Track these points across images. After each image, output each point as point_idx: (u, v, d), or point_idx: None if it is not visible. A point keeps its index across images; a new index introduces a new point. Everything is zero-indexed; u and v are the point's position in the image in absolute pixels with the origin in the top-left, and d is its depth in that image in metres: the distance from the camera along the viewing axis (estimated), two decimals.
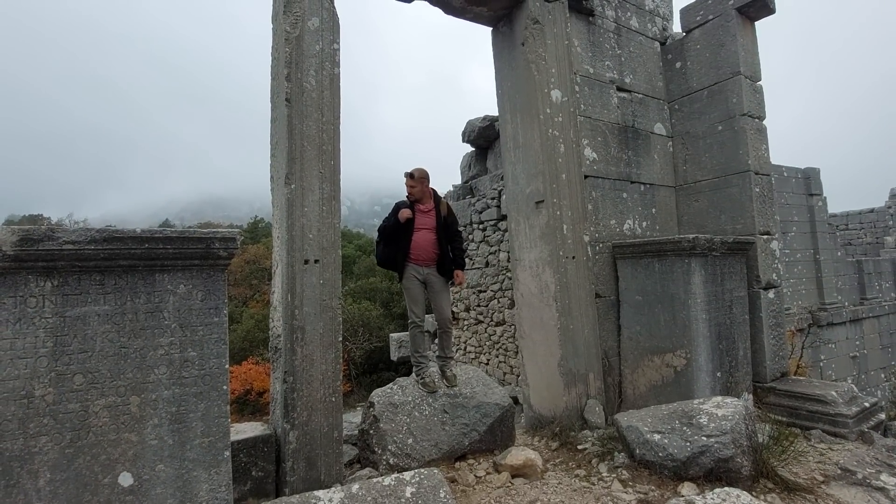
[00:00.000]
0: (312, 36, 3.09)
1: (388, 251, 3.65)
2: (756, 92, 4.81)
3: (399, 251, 3.59)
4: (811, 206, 11.04)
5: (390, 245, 3.63)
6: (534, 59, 4.10)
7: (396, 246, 3.60)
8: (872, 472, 2.83)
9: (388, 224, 3.60)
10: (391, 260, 3.64)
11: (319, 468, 2.83)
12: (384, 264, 3.74)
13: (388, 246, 3.65)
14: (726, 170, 4.71)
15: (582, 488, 2.79)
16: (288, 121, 2.94)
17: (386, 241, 3.66)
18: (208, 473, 2.17)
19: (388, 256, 3.65)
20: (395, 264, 3.63)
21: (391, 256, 3.63)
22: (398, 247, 3.59)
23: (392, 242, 3.62)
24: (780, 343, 4.61)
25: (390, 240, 3.63)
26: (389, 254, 3.64)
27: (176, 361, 2.15)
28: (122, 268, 2.09)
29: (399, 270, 3.63)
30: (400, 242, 3.58)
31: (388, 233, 3.61)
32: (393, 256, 3.62)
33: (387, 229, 3.61)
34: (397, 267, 3.63)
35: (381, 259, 3.73)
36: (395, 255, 3.61)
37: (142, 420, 2.08)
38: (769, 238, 4.65)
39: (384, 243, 3.67)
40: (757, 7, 4.67)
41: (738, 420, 2.71)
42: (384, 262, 3.72)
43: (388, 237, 3.63)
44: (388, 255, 3.65)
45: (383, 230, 3.64)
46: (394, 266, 3.66)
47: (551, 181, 4.03)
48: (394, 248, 3.61)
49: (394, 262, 3.63)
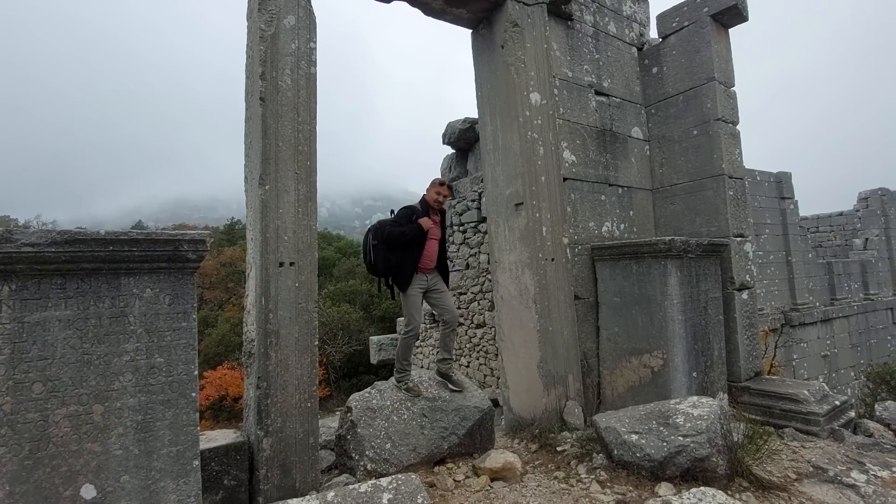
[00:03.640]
0: (288, 34, 3.03)
1: (392, 258, 3.39)
2: (730, 97, 4.91)
3: (407, 260, 3.39)
4: (783, 209, 11.35)
5: (395, 252, 3.39)
6: (513, 61, 4.11)
7: (402, 254, 3.38)
8: (843, 470, 2.90)
9: (407, 231, 3.35)
10: (394, 268, 3.39)
11: (294, 476, 2.77)
12: (385, 272, 3.43)
13: (393, 252, 3.39)
14: (701, 173, 4.80)
15: (561, 490, 2.78)
16: (262, 120, 2.88)
17: (391, 248, 3.38)
18: (176, 483, 2.09)
19: (393, 264, 3.39)
20: (397, 272, 3.41)
21: (396, 265, 3.38)
22: (405, 255, 3.38)
23: (398, 250, 3.38)
24: (754, 343, 4.70)
25: (396, 247, 3.38)
26: (394, 261, 3.38)
27: (142, 368, 2.07)
28: (85, 271, 2.01)
29: (404, 279, 3.41)
30: (411, 251, 3.39)
31: (401, 240, 3.35)
32: (398, 265, 3.39)
33: (404, 236, 3.34)
34: (401, 275, 3.40)
35: (383, 266, 3.41)
36: (400, 263, 3.38)
37: (106, 429, 1.99)
38: (743, 240, 4.75)
39: (388, 249, 3.39)
40: (731, 14, 4.77)
41: (713, 420, 2.74)
42: (386, 270, 3.42)
43: (396, 244, 3.37)
44: (392, 263, 3.39)
45: (398, 236, 3.35)
46: (395, 274, 3.42)
47: (531, 183, 4.03)
48: (399, 255, 3.39)
49: (397, 270, 3.40)
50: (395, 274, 3.44)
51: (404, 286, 3.43)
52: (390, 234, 3.37)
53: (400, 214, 3.49)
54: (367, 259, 3.49)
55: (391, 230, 3.38)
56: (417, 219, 3.43)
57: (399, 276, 3.43)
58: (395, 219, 3.46)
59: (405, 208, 3.55)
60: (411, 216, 3.45)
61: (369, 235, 3.50)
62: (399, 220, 3.44)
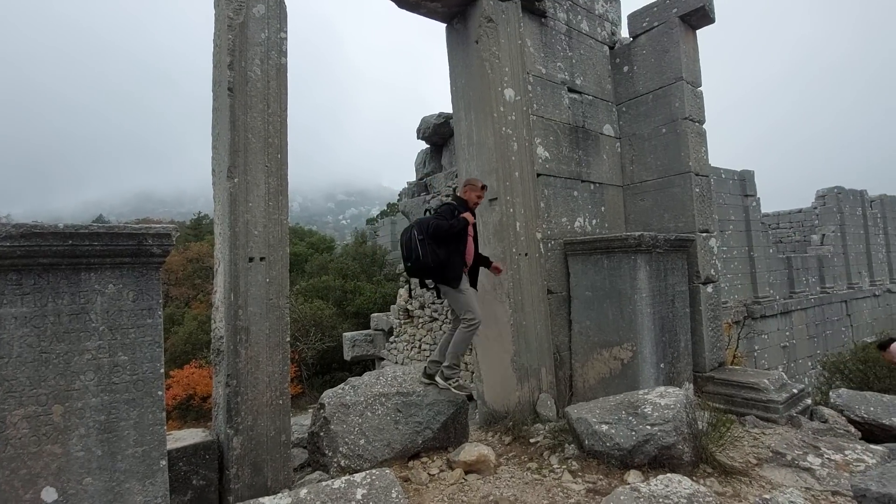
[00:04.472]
0: (258, 23, 2.96)
1: (441, 253, 3.29)
2: (697, 97, 5.05)
3: (454, 254, 3.34)
4: (746, 206, 11.78)
5: (442, 247, 3.30)
6: (487, 57, 4.12)
7: (449, 249, 3.33)
8: (800, 454, 3.04)
9: (455, 224, 3.30)
10: (443, 263, 3.30)
11: (266, 474, 2.72)
12: (435, 267, 3.31)
13: (441, 247, 3.30)
14: (669, 170, 4.92)
15: (533, 481, 2.83)
16: (231, 111, 2.81)
17: (438, 242, 3.29)
18: (142, 485, 2.04)
19: (441, 259, 3.29)
20: (445, 268, 3.33)
21: (444, 259, 3.30)
22: (452, 250, 3.34)
23: (444, 245, 3.31)
24: (718, 335, 4.87)
25: (443, 241, 3.30)
26: (442, 257, 3.29)
27: (105, 366, 2.00)
28: (43, 266, 1.93)
29: (456, 275, 3.35)
30: (456, 245, 3.36)
31: (448, 233, 3.29)
32: (446, 260, 3.31)
33: (452, 228, 3.29)
34: (452, 271, 3.34)
35: (433, 261, 3.27)
36: (448, 258, 3.32)
37: (66, 430, 1.92)
38: (708, 236, 4.90)
39: (436, 244, 3.28)
40: (698, 16, 4.90)
41: (679, 409, 2.83)
42: (436, 265, 3.30)
43: (443, 238, 3.29)
44: (440, 258, 3.29)
45: (447, 229, 3.28)
46: (444, 270, 3.33)
47: (504, 179, 4.06)
48: (446, 250, 3.31)
49: (445, 265, 3.32)
50: (444, 270, 3.34)
51: (456, 282, 3.36)
52: (438, 226, 3.29)
53: (442, 210, 3.43)
54: (413, 256, 3.32)
55: (438, 223, 3.30)
56: (460, 214, 3.41)
57: (449, 272, 3.35)
58: (438, 214, 3.40)
59: (446, 205, 3.50)
60: (453, 211, 3.41)
61: (412, 232, 3.37)
62: (443, 214, 3.39)
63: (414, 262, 3.35)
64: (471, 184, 3.63)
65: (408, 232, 3.44)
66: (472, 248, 3.54)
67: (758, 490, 2.65)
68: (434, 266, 3.31)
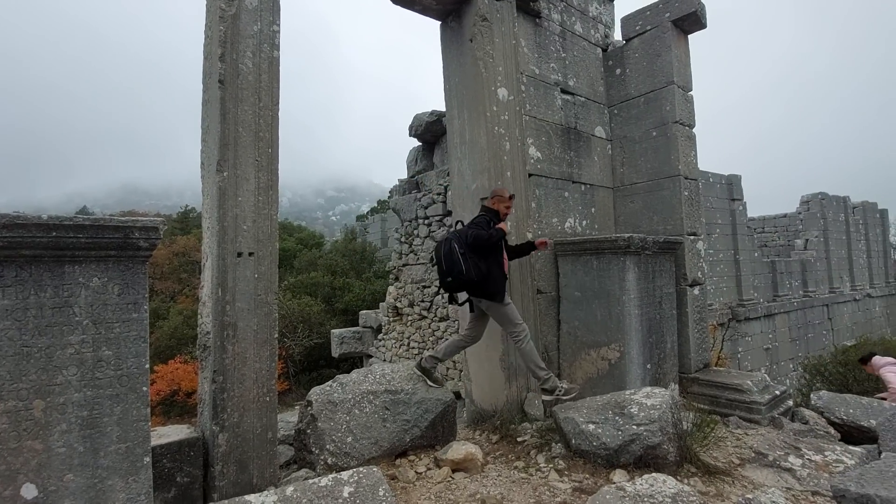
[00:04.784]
0: (250, 15, 2.92)
1: (482, 265, 3.24)
2: (687, 101, 5.10)
3: (494, 265, 3.31)
4: (733, 210, 11.94)
5: (483, 259, 3.25)
6: (482, 56, 4.12)
7: (488, 261, 3.27)
8: (782, 455, 3.10)
9: (494, 234, 3.26)
10: (485, 276, 3.24)
11: (252, 471, 2.70)
12: (478, 281, 3.22)
13: (482, 259, 3.25)
14: (659, 173, 4.97)
15: (520, 479, 2.84)
16: (221, 104, 2.77)
17: (478, 254, 3.23)
18: (125, 482, 2.01)
19: (483, 272, 3.23)
20: (487, 281, 3.25)
21: (486, 272, 3.24)
22: (491, 261, 3.29)
23: (483, 257, 3.25)
24: (704, 336, 4.94)
25: (482, 253, 3.24)
26: (484, 269, 3.24)
27: (88, 361, 1.96)
28: (26, 258, 1.89)
29: (499, 288, 3.29)
30: (494, 256, 3.31)
31: (488, 244, 3.24)
32: (487, 272, 3.24)
33: (492, 238, 3.24)
34: (494, 285, 3.27)
35: (476, 274, 3.19)
36: (490, 270, 3.26)
37: (47, 426, 1.89)
38: (696, 238, 4.96)
39: (477, 256, 3.22)
40: (690, 21, 4.95)
41: (665, 409, 2.86)
42: (479, 279, 3.21)
43: (482, 249, 3.24)
44: (482, 271, 3.23)
45: (486, 239, 3.23)
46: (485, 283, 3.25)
47: (496, 178, 4.07)
48: (486, 262, 3.25)
49: (487, 278, 3.25)
50: (486, 283, 3.27)
51: (500, 295, 3.29)
52: (478, 235, 3.22)
53: (479, 221, 3.37)
54: (456, 270, 3.20)
55: (478, 232, 3.23)
56: (495, 225, 3.36)
57: (492, 285, 3.27)
58: (476, 225, 3.33)
59: (480, 216, 3.45)
60: (489, 222, 3.36)
61: (451, 245, 3.25)
62: (480, 224, 3.33)
63: (456, 276, 3.22)
64: (498, 195, 3.56)
65: (446, 245, 3.30)
66: (506, 262, 3.48)
67: (740, 490, 2.70)
68: (478, 280, 3.23)
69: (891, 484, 1.80)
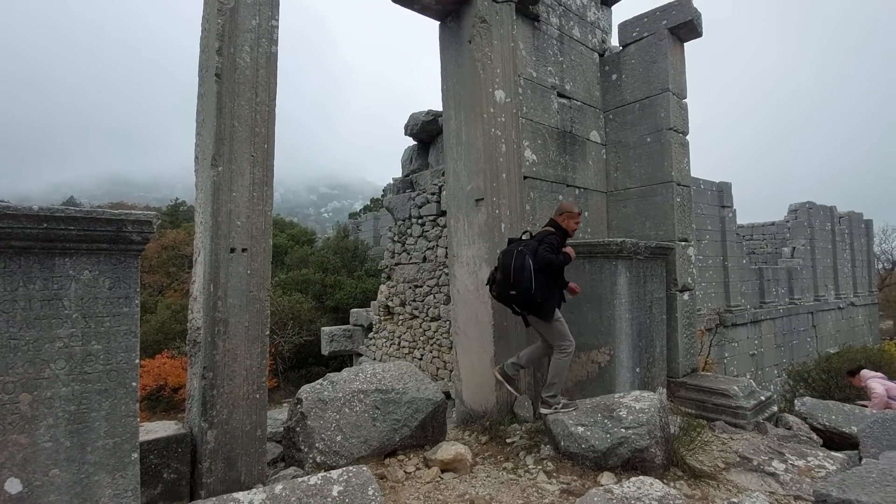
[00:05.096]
0: (249, 9, 2.90)
1: (546, 286, 3.28)
2: (682, 108, 5.16)
3: (557, 287, 3.38)
4: (723, 216, 12.08)
5: (549, 279, 3.30)
6: (480, 57, 4.13)
7: (552, 283, 3.32)
8: (766, 459, 3.14)
9: (563, 260, 3.32)
10: (547, 296, 3.28)
11: (240, 468, 2.69)
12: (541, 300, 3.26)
13: (549, 280, 3.30)
14: (652, 179, 5.02)
15: (509, 480, 2.86)
16: (217, 98, 2.75)
17: (546, 275, 3.27)
18: (112, 477, 1.99)
19: (546, 293, 3.27)
20: (546, 301, 3.29)
21: (549, 293, 3.29)
22: (554, 284, 3.34)
23: (548, 277, 3.29)
24: (692, 341, 4.99)
25: (549, 274, 3.29)
26: (547, 290, 3.28)
27: (77, 355, 1.94)
28: (15, 249, 1.86)
29: (551, 308, 3.32)
30: (556, 279, 3.36)
31: (556, 268, 3.30)
32: (550, 293, 3.30)
33: (562, 264, 3.33)
34: (549, 304, 3.30)
35: (541, 294, 3.23)
36: (553, 291, 3.32)
37: (34, 420, 1.86)
38: (686, 244, 5.01)
39: (545, 276, 3.26)
40: (686, 29, 5.00)
41: (653, 413, 2.89)
42: (542, 298, 3.26)
43: (549, 271, 3.28)
44: (546, 291, 3.27)
45: (558, 265, 3.30)
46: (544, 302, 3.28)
47: (492, 180, 4.08)
48: (551, 283, 3.31)
49: (548, 298, 3.29)
50: (543, 304, 3.30)
51: (550, 315, 3.33)
52: (550, 262, 3.23)
53: (549, 240, 3.36)
54: (525, 287, 3.21)
55: (550, 258, 3.24)
56: (561, 247, 3.39)
57: (547, 305, 3.31)
58: (546, 244, 3.32)
59: (551, 235, 3.43)
60: (559, 245, 3.37)
61: (525, 260, 3.23)
62: (551, 245, 3.33)
63: (523, 292, 3.23)
64: (568, 211, 3.56)
65: (518, 258, 3.26)
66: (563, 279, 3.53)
67: (725, 494, 2.73)
68: (540, 301, 3.27)
69: (871, 490, 1.84)
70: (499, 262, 3.44)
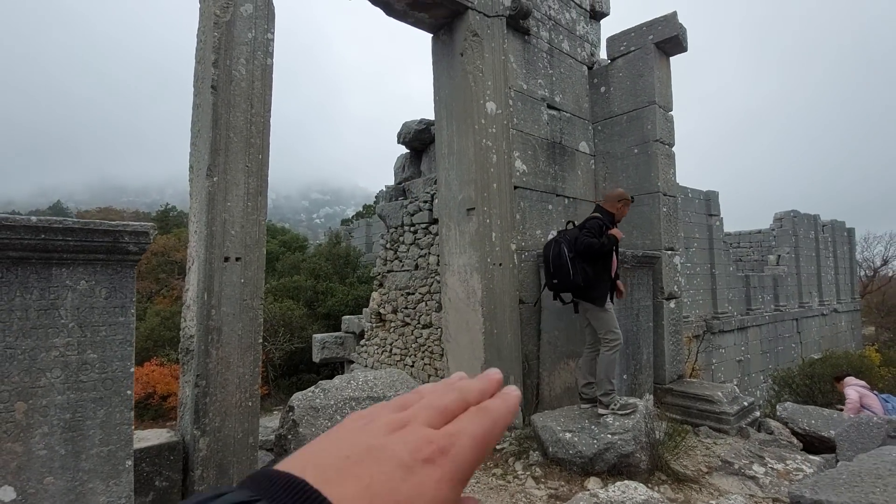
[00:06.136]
0: (245, 23, 2.96)
1: (590, 271, 3.26)
2: (668, 121, 5.29)
3: (603, 271, 3.33)
4: (710, 225, 12.27)
5: (590, 264, 3.28)
6: (471, 70, 4.22)
7: (596, 267, 3.29)
8: (747, 463, 3.23)
9: (606, 243, 3.28)
10: (592, 281, 3.26)
11: (232, 476, 2.71)
12: (585, 286, 3.25)
13: (590, 265, 3.28)
14: (639, 189, 5.13)
15: (498, 486, 2.91)
16: (213, 109, 2.80)
17: (587, 260, 3.25)
18: (106, 485, 2.01)
19: (591, 277, 3.26)
20: (593, 286, 3.27)
21: (594, 278, 3.27)
22: (599, 268, 3.30)
23: (592, 263, 3.27)
24: (679, 348, 5.09)
25: (591, 259, 3.26)
26: (591, 274, 3.26)
27: (73, 364, 1.97)
28: (12, 259, 1.89)
29: (602, 294, 3.31)
30: (603, 263, 3.32)
31: (599, 252, 3.26)
32: (596, 278, 3.27)
33: (604, 247, 3.26)
34: (599, 290, 3.27)
35: (583, 279, 3.22)
36: (599, 276, 3.28)
37: (28, 428, 1.88)
38: (673, 253, 5.12)
39: (585, 262, 3.24)
40: (672, 44, 5.14)
41: (639, 419, 2.97)
42: (586, 283, 3.24)
43: (592, 256, 3.26)
44: (589, 276, 3.25)
45: (598, 248, 3.24)
46: (591, 288, 3.27)
47: (483, 189, 4.16)
48: (594, 268, 3.28)
49: (595, 284, 3.27)
50: (591, 288, 3.28)
51: (602, 300, 3.30)
52: (590, 245, 3.22)
53: (592, 226, 3.35)
54: (563, 273, 3.25)
55: (590, 242, 3.23)
56: (607, 230, 3.35)
57: (596, 290, 3.30)
58: (586, 229, 3.32)
59: (593, 219, 3.42)
60: (602, 228, 3.34)
61: (561, 248, 3.29)
62: (592, 230, 3.31)
63: (562, 279, 3.28)
64: (626, 199, 3.58)
65: (556, 247, 3.34)
66: (615, 264, 3.48)
67: (706, 496, 2.81)
68: (584, 285, 3.27)
69: (840, 490, 1.93)
70: (542, 258, 3.52)
